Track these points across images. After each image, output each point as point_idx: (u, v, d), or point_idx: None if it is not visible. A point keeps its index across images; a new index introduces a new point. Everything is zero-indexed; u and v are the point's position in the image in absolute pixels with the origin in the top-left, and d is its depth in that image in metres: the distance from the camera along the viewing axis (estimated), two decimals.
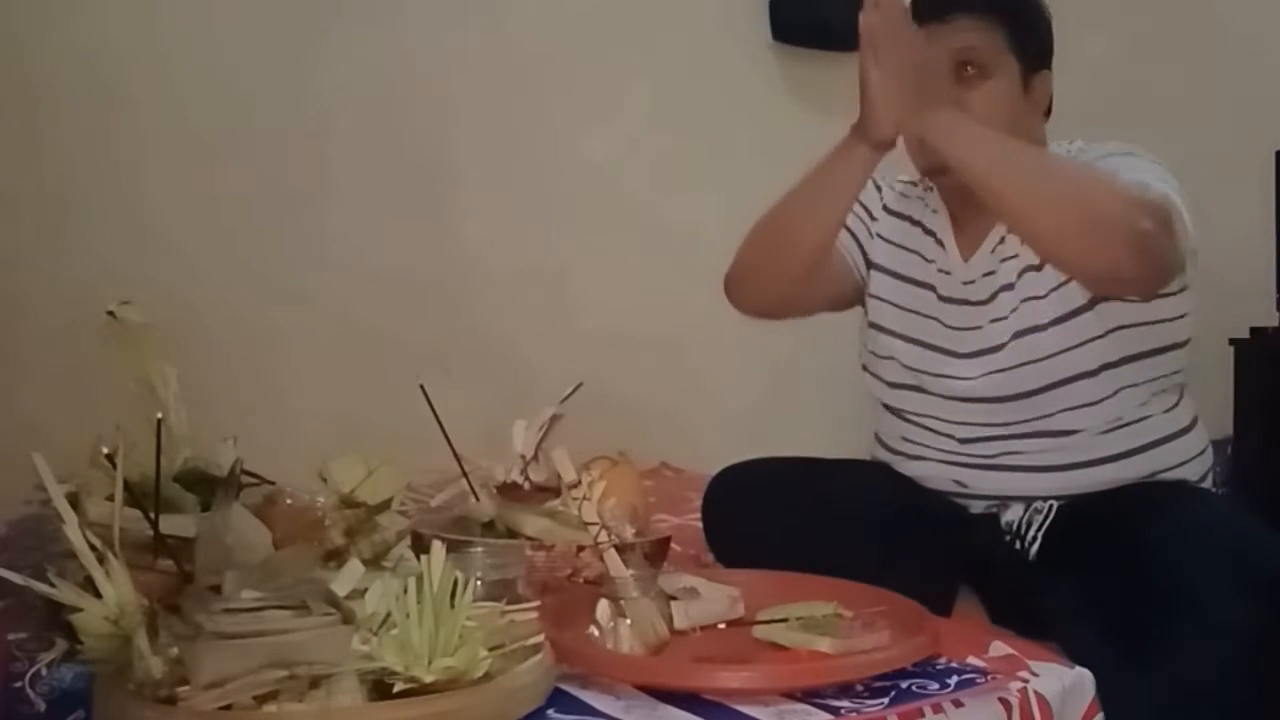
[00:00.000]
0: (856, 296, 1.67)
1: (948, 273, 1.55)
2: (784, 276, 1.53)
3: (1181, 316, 1.47)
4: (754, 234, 1.56)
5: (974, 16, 1.45)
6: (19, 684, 1.08)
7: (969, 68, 1.45)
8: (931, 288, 1.57)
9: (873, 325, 1.62)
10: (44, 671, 1.09)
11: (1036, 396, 1.46)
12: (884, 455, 1.64)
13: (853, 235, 1.64)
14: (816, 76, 2.89)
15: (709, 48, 2.72)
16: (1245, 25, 2.84)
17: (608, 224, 2.55)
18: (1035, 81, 1.50)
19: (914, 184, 1.64)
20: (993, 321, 1.49)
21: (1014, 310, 1.47)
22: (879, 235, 1.64)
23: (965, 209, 1.54)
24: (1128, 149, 1.45)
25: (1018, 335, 1.47)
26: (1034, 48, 1.50)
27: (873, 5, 1.33)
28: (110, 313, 1.22)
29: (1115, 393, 1.45)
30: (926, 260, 1.58)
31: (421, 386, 1.37)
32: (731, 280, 1.60)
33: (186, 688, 0.92)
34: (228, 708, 0.90)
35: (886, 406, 1.63)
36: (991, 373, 1.48)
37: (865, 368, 1.65)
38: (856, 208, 1.65)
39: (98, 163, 2.07)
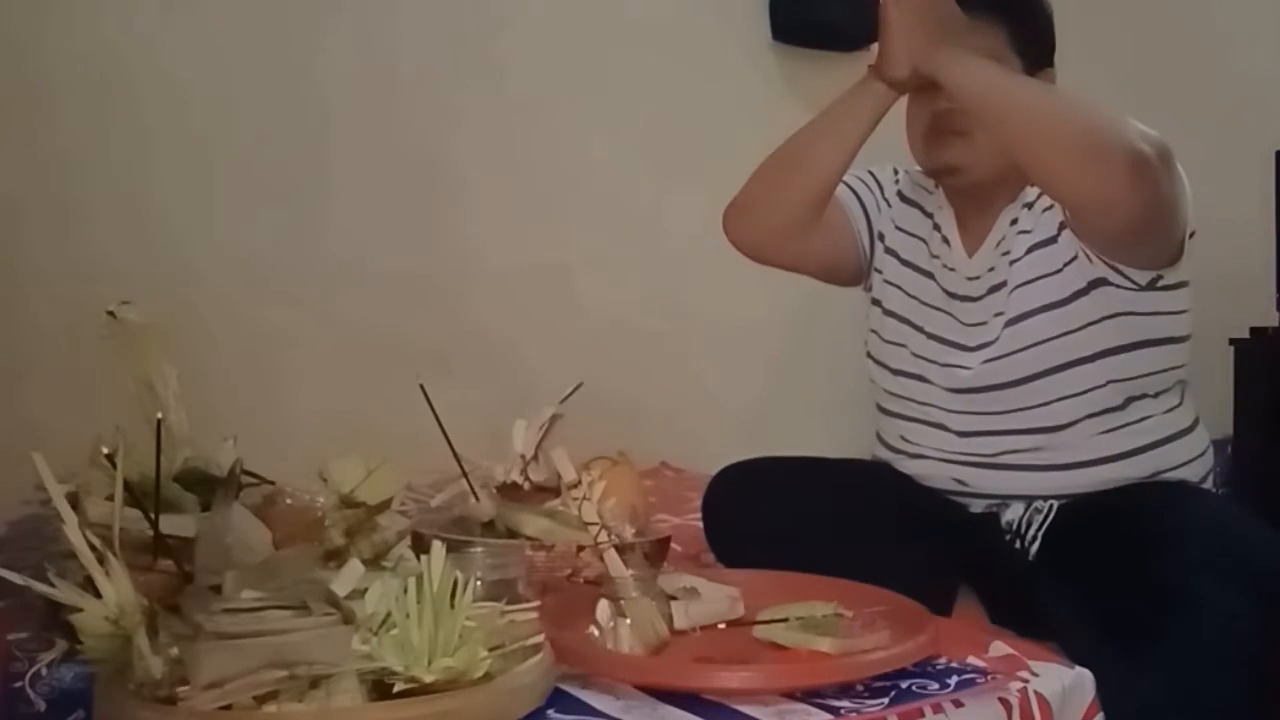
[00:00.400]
0: (853, 270, 1.67)
1: (953, 269, 1.55)
2: (786, 207, 1.54)
3: (1182, 312, 1.47)
4: (762, 166, 1.58)
5: (975, 17, 1.45)
6: (19, 684, 1.08)
7: None
8: (932, 276, 1.57)
9: (885, 311, 1.62)
10: (44, 671, 1.09)
11: (1032, 383, 1.46)
12: (884, 454, 1.64)
13: (860, 204, 1.65)
14: (816, 76, 2.88)
15: (709, 48, 2.72)
16: (1245, 25, 2.84)
17: (608, 224, 2.55)
18: (1039, 79, 1.50)
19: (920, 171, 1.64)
20: (995, 315, 1.49)
21: (1009, 299, 1.48)
22: (894, 221, 1.64)
23: (969, 209, 1.55)
24: None
25: (1011, 323, 1.47)
26: (1036, 46, 1.51)
27: None
28: (110, 313, 1.22)
29: (1112, 382, 1.45)
30: (932, 254, 1.58)
31: (421, 386, 1.37)
32: (732, 209, 1.61)
33: (186, 688, 0.92)
34: (227, 708, 0.90)
35: (884, 408, 1.63)
36: (987, 361, 1.48)
37: (870, 355, 1.65)
38: (870, 181, 1.66)
39: (98, 163, 2.08)
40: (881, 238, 1.64)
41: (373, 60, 2.33)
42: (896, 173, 1.67)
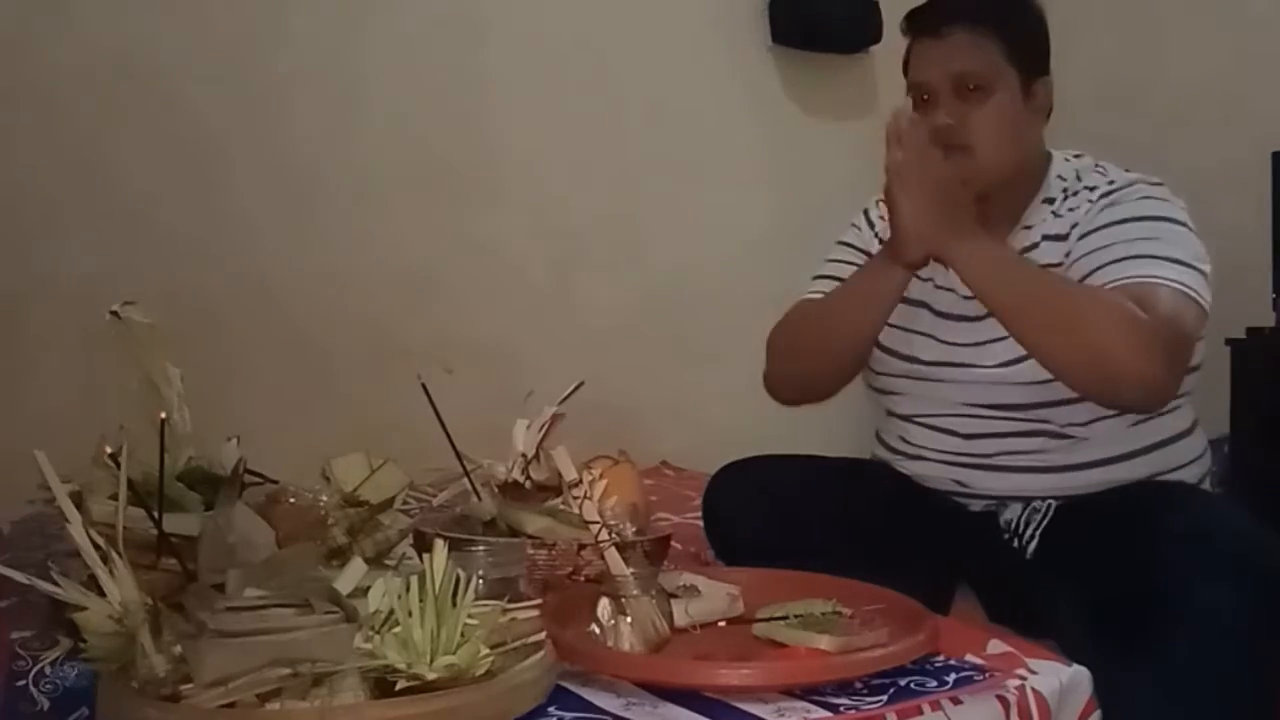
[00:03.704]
0: None
1: (950, 290, 1.54)
2: (828, 379, 1.57)
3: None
4: (784, 340, 1.59)
5: (970, 31, 1.45)
6: (23, 682, 1.09)
7: (969, 85, 1.46)
8: (926, 305, 1.56)
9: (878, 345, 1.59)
10: (48, 670, 1.09)
11: (1036, 388, 1.46)
12: (883, 454, 1.64)
13: None
14: (815, 78, 2.90)
15: (709, 50, 2.73)
16: (1246, 25, 2.85)
17: (609, 224, 2.56)
18: (1036, 88, 1.50)
19: None
20: (999, 337, 1.47)
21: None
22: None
23: None
24: (1154, 186, 1.44)
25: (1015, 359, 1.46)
26: (1032, 56, 1.50)
27: (895, 141, 1.37)
28: (114, 312, 1.22)
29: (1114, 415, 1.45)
30: (922, 279, 1.56)
31: (423, 385, 1.37)
32: (773, 384, 1.62)
33: (190, 686, 0.92)
34: (231, 705, 0.91)
35: (886, 409, 1.63)
36: (992, 373, 1.48)
37: (869, 366, 1.63)
38: (853, 253, 1.65)
39: (99, 162, 2.08)
40: None
41: (375, 61, 2.34)
42: (873, 224, 1.65)
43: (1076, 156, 1.55)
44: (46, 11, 2.05)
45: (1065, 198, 1.50)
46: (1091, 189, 1.48)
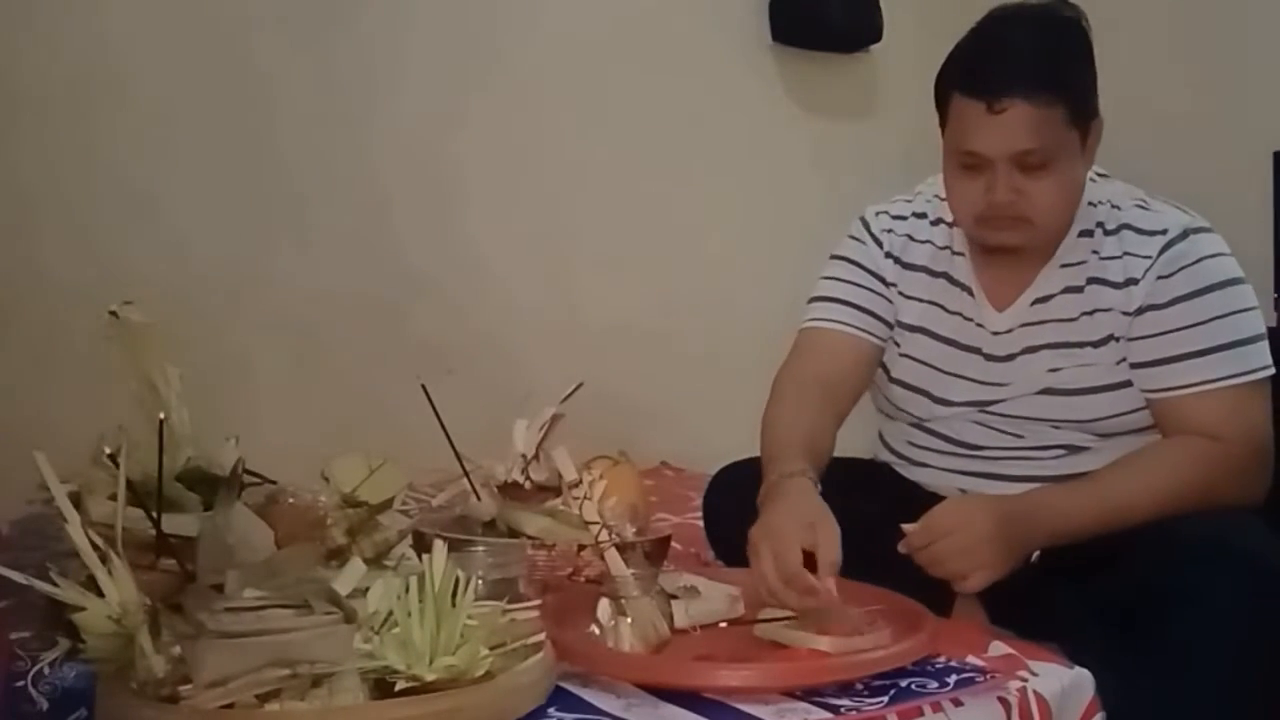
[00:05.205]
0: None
1: (980, 324, 1.51)
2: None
3: None
4: (764, 429, 1.54)
5: (1031, 102, 1.32)
6: (21, 683, 1.09)
7: (1032, 161, 1.34)
8: (978, 350, 1.50)
9: (895, 380, 1.56)
10: (46, 670, 1.09)
11: (1051, 411, 1.45)
12: (886, 456, 1.63)
13: (875, 336, 1.56)
14: (815, 77, 2.90)
15: (709, 49, 2.73)
16: (1246, 26, 2.84)
17: (609, 224, 2.56)
18: (1090, 132, 1.39)
19: (902, 218, 1.57)
20: (1024, 375, 1.46)
21: (1046, 372, 1.44)
22: (902, 294, 1.55)
23: (996, 267, 1.49)
24: (1201, 233, 1.41)
25: (1046, 392, 1.44)
26: (1090, 103, 1.39)
27: (909, 549, 1.29)
28: (113, 312, 1.22)
29: (1135, 411, 1.43)
30: (966, 318, 1.51)
31: (423, 386, 1.37)
32: None
33: (189, 686, 0.92)
34: (230, 706, 0.91)
35: (889, 415, 1.62)
36: (999, 400, 1.47)
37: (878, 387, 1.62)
38: (867, 280, 1.56)
39: (99, 162, 2.08)
40: (897, 322, 1.57)
41: (376, 60, 2.33)
42: (880, 242, 1.56)
43: (1102, 175, 1.49)
44: (41, 7, 2.04)
45: (1105, 234, 1.44)
46: (1139, 231, 1.42)
